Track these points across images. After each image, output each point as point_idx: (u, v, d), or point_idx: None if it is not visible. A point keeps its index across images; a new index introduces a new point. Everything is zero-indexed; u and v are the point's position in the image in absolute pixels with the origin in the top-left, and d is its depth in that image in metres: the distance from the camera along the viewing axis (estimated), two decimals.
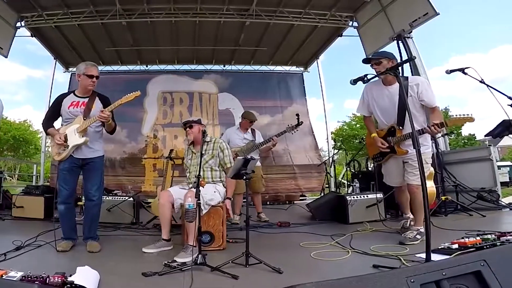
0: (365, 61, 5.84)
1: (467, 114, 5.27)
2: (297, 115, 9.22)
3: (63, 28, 13.11)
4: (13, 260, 4.59)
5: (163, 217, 5.56)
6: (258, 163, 8.82)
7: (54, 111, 5.75)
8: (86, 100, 5.62)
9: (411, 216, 6.22)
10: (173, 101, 15.69)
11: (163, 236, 5.49)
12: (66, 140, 5.42)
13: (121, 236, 6.74)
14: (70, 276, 3.26)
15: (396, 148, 5.84)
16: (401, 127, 5.77)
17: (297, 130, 9.13)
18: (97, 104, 5.63)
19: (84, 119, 5.44)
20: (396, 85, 5.54)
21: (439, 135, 9.87)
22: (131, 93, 5.31)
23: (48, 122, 5.74)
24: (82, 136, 5.40)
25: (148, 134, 15.26)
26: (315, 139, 15.55)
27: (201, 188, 4.67)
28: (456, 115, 5.40)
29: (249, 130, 9.08)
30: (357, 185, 9.46)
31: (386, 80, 5.84)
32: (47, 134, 5.90)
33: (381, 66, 5.56)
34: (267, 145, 8.81)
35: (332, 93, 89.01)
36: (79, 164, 5.55)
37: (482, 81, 4.90)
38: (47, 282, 3.14)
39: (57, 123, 5.86)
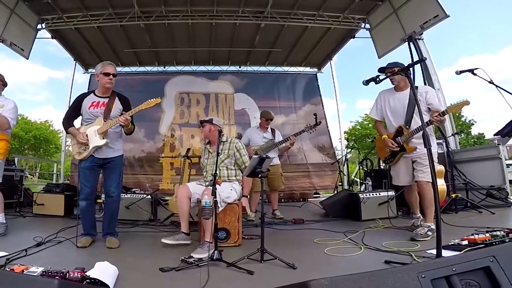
0: (381, 70, 5.89)
1: (463, 100, 5.42)
2: (315, 114, 9.27)
3: (83, 30, 13.19)
4: (34, 256, 4.61)
5: (182, 210, 5.58)
6: (277, 161, 8.97)
7: (74, 111, 5.76)
8: (106, 100, 5.64)
9: (421, 217, 6.27)
10: (190, 101, 15.71)
11: (182, 230, 5.50)
12: (87, 139, 5.45)
13: (139, 233, 6.75)
14: (90, 271, 3.30)
15: (406, 146, 5.96)
16: (408, 127, 5.93)
17: (315, 130, 9.20)
18: (117, 104, 5.65)
19: (105, 120, 5.46)
20: (407, 90, 5.95)
21: (450, 133, 9.94)
22: (152, 100, 5.35)
23: (68, 121, 5.73)
24: (103, 138, 5.42)
25: (165, 133, 15.30)
26: (330, 138, 15.55)
27: (217, 186, 4.70)
28: (452, 103, 5.53)
29: (269, 130, 9.10)
30: (370, 183, 9.41)
31: (398, 86, 6.15)
32: (67, 133, 5.89)
33: (395, 77, 5.83)
34: (286, 144, 8.80)
35: (345, 94, 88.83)
36: (100, 163, 5.57)
37: (491, 82, 4.93)
38: (67, 277, 3.17)
39: (77, 123, 5.88)
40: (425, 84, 10.56)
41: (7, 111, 6.23)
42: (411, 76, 4.25)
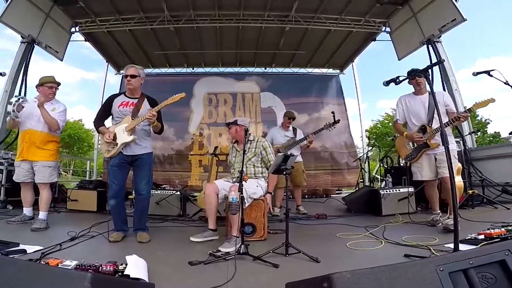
0: (410, 73, 5.94)
1: (488, 98, 5.47)
2: (333, 113, 9.31)
3: (115, 33, 13.45)
4: (68, 250, 4.64)
5: (209, 207, 5.59)
6: (300, 159, 8.98)
7: (105, 111, 5.83)
8: (135, 100, 5.70)
9: (440, 213, 6.35)
10: (217, 102, 15.77)
11: (210, 226, 5.52)
12: (115, 138, 5.51)
13: (169, 228, 6.79)
14: (122, 264, 3.33)
15: (429, 142, 6.06)
16: (430, 125, 6.02)
17: (334, 128, 9.18)
18: (146, 105, 5.67)
19: (132, 119, 5.51)
20: (426, 94, 6.18)
21: (467, 132, 9.93)
22: (177, 95, 5.34)
23: (99, 121, 5.79)
24: (130, 135, 5.45)
25: (194, 132, 15.38)
26: (351, 137, 15.49)
27: (244, 182, 4.73)
28: (477, 102, 5.57)
29: (290, 128, 9.14)
30: (390, 179, 9.42)
31: (419, 91, 6.33)
32: (98, 132, 5.97)
33: (421, 80, 6.13)
34: (305, 142, 8.82)
35: (366, 94, 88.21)
36: (129, 160, 5.61)
37: (506, 83, 4.94)
38: (100, 270, 3.19)
39: (108, 123, 5.92)
40: (443, 85, 10.60)
41: (58, 114, 6.38)
42: (430, 77, 4.24)
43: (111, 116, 5.85)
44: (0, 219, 6.64)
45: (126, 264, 3.36)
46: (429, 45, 11.05)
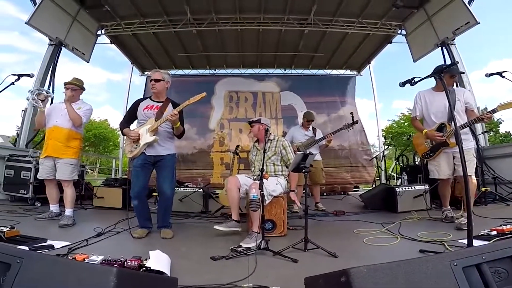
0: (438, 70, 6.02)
1: None
2: (351, 113, 9.34)
3: (140, 35, 13.59)
4: (94, 245, 4.70)
5: (232, 200, 5.61)
6: (319, 157, 9.02)
7: (130, 115, 5.88)
8: (160, 104, 5.74)
9: (450, 208, 6.41)
10: (238, 99, 15.81)
11: (233, 217, 5.54)
12: (139, 138, 5.55)
13: (191, 224, 6.81)
14: (146, 260, 3.37)
15: (448, 141, 6.02)
16: (450, 123, 6.00)
17: (352, 128, 9.17)
18: (169, 109, 5.68)
19: (156, 121, 5.54)
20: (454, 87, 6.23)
21: (480, 131, 9.91)
22: (198, 95, 5.33)
23: (124, 124, 5.85)
24: (153, 135, 5.49)
25: (215, 128, 15.44)
26: (365, 136, 15.41)
27: (264, 180, 4.74)
28: (502, 102, 5.47)
29: (310, 128, 9.15)
30: (405, 177, 9.37)
31: (439, 88, 6.24)
32: (123, 134, 6.03)
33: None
34: (324, 142, 8.85)
35: (382, 94, 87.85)
36: (152, 161, 5.62)
37: None
38: (125, 265, 3.23)
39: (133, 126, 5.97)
40: (456, 86, 10.47)
41: (83, 111, 6.45)
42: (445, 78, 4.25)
43: (136, 120, 5.89)
44: (28, 216, 6.71)
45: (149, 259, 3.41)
46: (444, 47, 11.08)
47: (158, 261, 3.44)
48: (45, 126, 6.56)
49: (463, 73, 6.34)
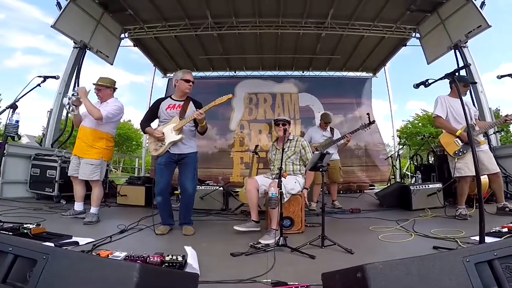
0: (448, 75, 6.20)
1: None
2: (368, 114, 9.28)
3: (162, 38, 13.72)
4: (118, 242, 4.72)
5: (251, 201, 5.63)
6: (337, 157, 9.03)
7: (152, 113, 5.87)
8: (181, 103, 5.74)
9: (465, 207, 6.48)
10: (257, 100, 15.85)
11: (252, 218, 5.58)
12: (164, 137, 5.57)
13: (212, 221, 6.83)
14: (168, 256, 3.38)
15: (478, 140, 6.40)
16: (476, 124, 6.51)
17: (369, 128, 9.26)
18: (191, 107, 5.70)
19: (180, 119, 5.55)
20: (467, 96, 6.70)
21: (492, 131, 9.92)
22: (224, 96, 5.34)
23: (146, 123, 5.85)
24: (178, 134, 5.50)
25: (235, 129, 15.48)
26: (380, 136, 15.40)
27: (283, 179, 4.76)
28: None
29: (328, 129, 9.17)
30: (419, 176, 9.35)
31: (454, 94, 6.56)
32: (144, 133, 6.00)
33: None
34: (343, 141, 8.86)
35: (396, 95, 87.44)
36: (175, 159, 5.63)
37: None
38: (148, 261, 3.26)
39: (153, 124, 5.98)
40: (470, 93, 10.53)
41: (109, 106, 6.40)
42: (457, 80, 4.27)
43: (157, 119, 5.91)
44: (54, 213, 6.76)
45: (184, 255, 3.43)
46: (456, 50, 11.11)
47: (193, 257, 3.50)
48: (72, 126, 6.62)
49: (476, 83, 6.41)
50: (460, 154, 6.35)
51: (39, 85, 5.43)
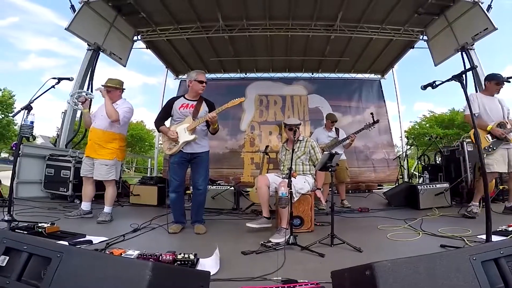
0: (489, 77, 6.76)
1: None
2: (372, 114, 9.38)
3: (174, 41, 13.79)
4: (131, 240, 4.74)
5: (262, 197, 5.63)
6: (344, 157, 9.01)
7: (166, 112, 5.88)
8: (194, 103, 5.75)
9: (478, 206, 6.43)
10: (268, 102, 15.91)
11: (264, 214, 5.57)
12: (177, 135, 5.59)
13: (223, 220, 6.83)
14: (180, 254, 3.42)
15: (509, 138, 6.33)
16: (507, 122, 6.44)
17: (373, 127, 9.21)
18: (204, 107, 5.73)
19: (193, 119, 5.57)
20: (495, 96, 6.66)
21: None
22: (237, 99, 5.40)
23: (160, 121, 5.86)
24: (192, 134, 5.51)
25: (245, 129, 15.55)
26: (391, 137, 15.47)
27: (292, 179, 4.78)
28: None
29: (333, 129, 9.17)
30: (427, 176, 9.37)
31: (487, 92, 6.75)
32: (159, 131, 6.00)
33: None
34: (347, 141, 8.83)
35: (404, 97, 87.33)
36: (188, 158, 5.65)
37: None
38: (160, 259, 3.29)
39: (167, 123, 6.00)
40: (475, 88, 10.66)
41: (121, 109, 6.37)
42: (464, 81, 4.23)
43: (170, 117, 5.92)
44: (68, 212, 6.68)
45: (196, 254, 3.49)
46: (463, 52, 11.16)
47: (215, 259, 3.57)
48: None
49: (509, 81, 6.41)
50: (489, 150, 6.32)
51: (53, 86, 5.45)
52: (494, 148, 6.27)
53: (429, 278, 2.11)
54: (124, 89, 6.73)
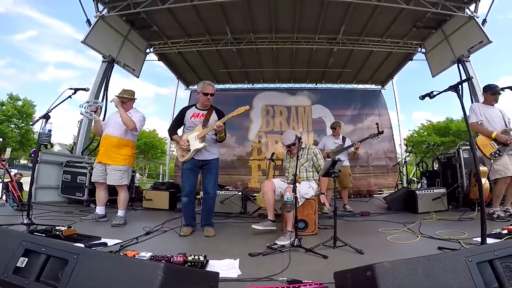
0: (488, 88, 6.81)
1: None
2: (377, 124, 9.45)
3: (185, 53, 13.91)
4: (144, 243, 4.74)
5: (268, 201, 5.65)
6: (347, 163, 9.05)
7: (178, 121, 5.94)
8: (205, 112, 5.78)
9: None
10: (274, 113, 15.96)
11: (269, 217, 5.59)
12: (188, 145, 5.64)
13: (232, 224, 6.82)
14: (191, 256, 3.43)
15: None
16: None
17: (378, 138, 9.32)
18: (214, 116, 5.76)
19: (203, 128, 5.60)
20: (495, 105, 6.68)
21: None
22: (241, 107, 5.36)
23: (173, 130, 5.93)
24: (202, 142, 5.55)
25: (253, 139, 15.60)
26: (394, 144, 15.52)
27: (297, 184, 4.83)
28: None
29: (340, 137, 9.26)
30: (425, 181, 9.40)
31: (487, 101, 6.76)
32: (171, 139, 6.06)
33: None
34: (352, 149, 8.92)
35: (403, 107, 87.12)
36: (199, 164, 5.68)
37: None
38: (171, 261, 3.30)
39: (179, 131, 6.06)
40: (471, 98, 10.62)
41: (135, 117, 6.43)
42: (460, 92, 4.25)
43: (183, 126, 5.98)
44: (84, 216, 6.70)
45: (206, 255, 3.49)
46: (459, 64, 11.19)
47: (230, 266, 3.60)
48: (102, 134, 6.66)
49: (504, 90, 6.47)
50: (496, 155, 6.33)
51: (70, 96, 5.47)
52: (501, 153, 6.28)
53: (427, 279, 2.13)
54: (136, 98, 6.79)
